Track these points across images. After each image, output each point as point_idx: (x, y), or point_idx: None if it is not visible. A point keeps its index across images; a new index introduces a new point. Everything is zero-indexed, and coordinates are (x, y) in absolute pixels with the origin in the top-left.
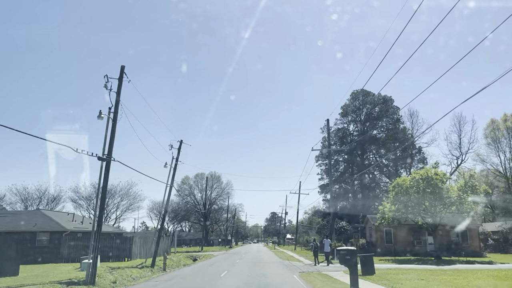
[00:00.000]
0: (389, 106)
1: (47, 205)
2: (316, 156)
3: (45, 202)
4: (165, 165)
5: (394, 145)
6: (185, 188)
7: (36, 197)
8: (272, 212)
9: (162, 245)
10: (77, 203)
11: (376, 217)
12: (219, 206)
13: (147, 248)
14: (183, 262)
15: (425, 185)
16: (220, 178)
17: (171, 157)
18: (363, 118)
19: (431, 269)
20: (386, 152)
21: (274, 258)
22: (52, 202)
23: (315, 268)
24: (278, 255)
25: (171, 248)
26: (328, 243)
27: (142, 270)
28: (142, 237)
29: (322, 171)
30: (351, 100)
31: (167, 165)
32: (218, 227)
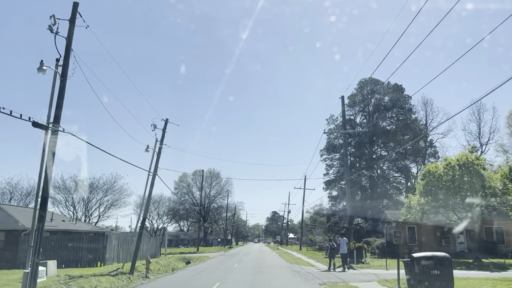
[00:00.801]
0: (399, 95)
1: (20, 201)
2: (320, 150)
3: (18, 197)
4: (147, 149)
5: (404, 138)
6: (183, 186)
7: (7, 191)
8: (273, 211)
9: (150, 246)
10: (54, 199)
11: (395, 212)
12: (218, 204)
13: (127, 250)
14: (174, 265)
15: (463, 172)
16: (219, 175)
17: (155, 140)
18: (372, 109)
19: (496, 277)
20: (395, 145)
21: (280, 261)
22: (27, 197)
23: (335, 275)
24: (284, 257)
25: (162, 249)
26: (345, 242)
27: (115, 279)
28: (121, 237)
29: (327, 166)
30: (358, 89)
31: (149, 149)
32: (218, 227)
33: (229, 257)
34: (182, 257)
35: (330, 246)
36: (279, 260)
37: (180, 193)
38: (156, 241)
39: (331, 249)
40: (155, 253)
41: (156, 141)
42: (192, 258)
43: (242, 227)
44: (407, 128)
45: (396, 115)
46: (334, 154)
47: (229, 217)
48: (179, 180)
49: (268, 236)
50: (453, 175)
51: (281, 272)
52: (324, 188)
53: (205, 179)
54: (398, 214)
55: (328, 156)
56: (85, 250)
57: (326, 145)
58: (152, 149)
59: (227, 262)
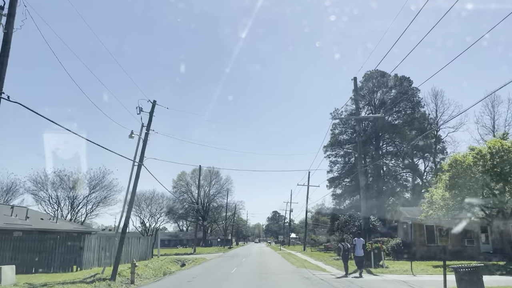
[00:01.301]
0: (407, 88)
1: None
2: (324, 146)
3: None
4: (131, 135)
5: (411, 133)
6: (182, 185)
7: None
8: (274, 211)
9: (140, 247)
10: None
11: (411, 210)
12: (218, 203)
13: (111, 252)
14: (166, 269)
15: (497, 162)
16: (218, 173)
17: (140, 125)
18: (378, 102)
19: None
20: (402, 141)
21: (284, 264)
22: (7, 194)
23: (356, 283)
24: (288, 258)
25: (154, 250)
26: (362, 243)
27: (91, 286)
28: (103, 237)
29: (331, 163)
30: (364, 82)
31: (134, 135)
32: (218, 226)
33: (227, 259)
34: (176, 259)
35: (343, 248)
36: (284, 263)
37: (178, 192)
38: (147, 242)
39: (345, 250)
40: (146, 255)
41: (143, 126)
42: (187, 260)
43: (243, 227)
44: (414, 123)
45: (403, 109)
46: (339, 150)
47: (229, 216)
48: (177, 178)
49: (269, 236)
50: (484, 165)
51: (289, 279)
52: (328, 186)
53: (204, 178)
54: (414, 211)
55: (332, 152)
56: (60, 253)
57: (330, 141)
58: (137, 135)
59: (224, 265)
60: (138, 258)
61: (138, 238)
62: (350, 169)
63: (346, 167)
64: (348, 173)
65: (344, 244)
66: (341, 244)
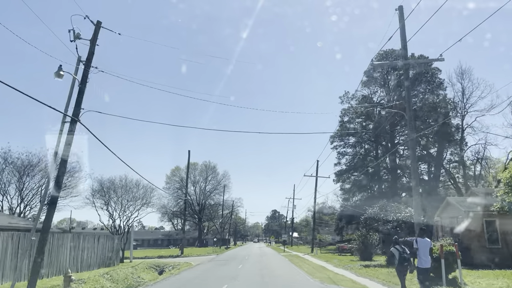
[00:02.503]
0: (427, 68)
1: None
2: (330, 136)
3: None
4: (59, 72)
5: (428, 121)
6: (175, 181)
7: None
8: (273, 210)
9: (101, 249)
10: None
11: (461, 200)
12: (215, 201)
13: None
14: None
15: None
16: (215, 168)
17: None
18: (393, 85)
19: None
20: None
21: (300, 275)
22: None
23: None
24: (300, 265)
25: (126, 252)
26: (429, 247)
27: None
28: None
29: (339, 154)
30: (377, 61)
31: (63, 73)
32: (214, 225)
33: (219, 265)
34: (155, 263)
35: (400, 254)
36: (297, 273)
37: (172, 189)
38: (112, 242)
39: (403, 259)
40: (111, 260)
41: (79, 61)
42: (168, 266)
43: (241, 226)
44: (435, 107)
45: (423, 91)
46: (348, 139)
47: (227, 214)
48: (171, 174)
49: (269, 235)
50: None
51: None
52: (335, 180)
53: (200, 173)
54: (468, 203)
55: (340, 142)
56: None
57: (339, 130)
58: (69, 73)
59: (211, 277)
60: (97, 264)
61: (95, 237)
62: (360, 160)
63: (356, 158)
64: (358, 165)
65: (402, 249)
66: (397, 248)
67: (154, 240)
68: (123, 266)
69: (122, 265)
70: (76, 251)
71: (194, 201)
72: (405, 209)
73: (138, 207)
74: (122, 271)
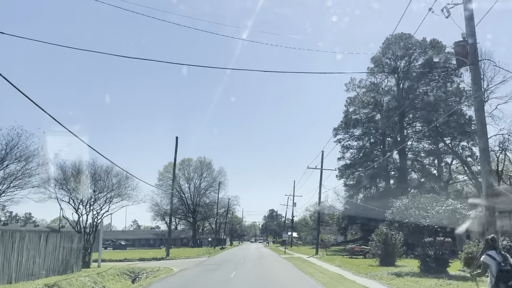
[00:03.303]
0: (440, 52)
1: None
2: (334, 128)
3: None
4: None
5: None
6: (169, 177)
7: None
8: (271, 209)
9: (49, 252)
10: None
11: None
12: (210, 199)
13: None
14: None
15: None
16: (211, 165)
17: None
18: (402, 73)
19: None
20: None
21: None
22: None
23: None
24: (311, 272)
25: (93, 254)
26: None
27: None
28: None
29: (343, 148)
30: (384, 48)
31: None
32: (210, 224)
33: (207, 271)
34: (131, 268)
35: (498, 264)
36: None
37: (165, 186)
38: (71, 243)
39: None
40: (70, 265)
41: None
42: (146, 271)
43: (238, 225)
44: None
45: (437, 79)
46: (353, 132)
47: (222, 213)
48: (164, 170)
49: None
50: None
51: None
52: (338, 176)
53: (195, 170)
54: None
55: (345, 135)
56: None
57: (343, 121)
58: None
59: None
60: (45, 271)
61: (42, 236)
62: (366, 154)
63: (362, 152)
64: (363, 160)
65: (501, 257)
66: (492, 256)
67: (146, 240)
68: (86, 272)
69: (85, 271)
70: (8, 254)
71: (189, 199)
72: (445, 201)
73: (110, 199)
74: (79, 280)
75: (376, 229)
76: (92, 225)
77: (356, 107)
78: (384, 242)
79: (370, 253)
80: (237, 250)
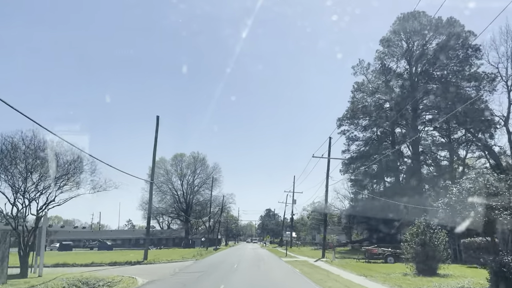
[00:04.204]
0: (459, 30)
1: None
2: (338, 119)
3: None
4: None
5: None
6: (160, 174)
7: None
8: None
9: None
10: None
11: None
12: (204, 197)
13: None
14: None
15: None
16: (205, 160)
17: None
18: (416, 53)
19: None
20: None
21: None
22: None
23: None
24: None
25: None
26: None
27: None
28: None
29: (348, 140)
30: (396, 27)
31: None
32: (203, 223)
33: (184, 283)
34: (85, 279)
35: None
36: None
37: (156, 182)
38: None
39: None
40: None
41: None
42: (103, 282)
43: (233, 225)
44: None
45: (454, 62)
46: (360, 121)
47: (217, 212)
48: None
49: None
50: None
51: None
52: (342, 171)
53: (188, 166)
54: None
55: (350, 125)
56: None
57: (349, 109)
58: None
59: None
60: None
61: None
62: (374, 146)
63: (369, 144)
64: (370, 153)
65: None
66: None
67: (136, 240)
68: (11, 285)
69: (13, 282)
70: None
71: (181, 196)
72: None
73: (56, 185)
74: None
75: (411, 227)
76: (37, 220)
77: (364, 93)
78: (423, 244)
79: (403, 257)
80: (231, 252)
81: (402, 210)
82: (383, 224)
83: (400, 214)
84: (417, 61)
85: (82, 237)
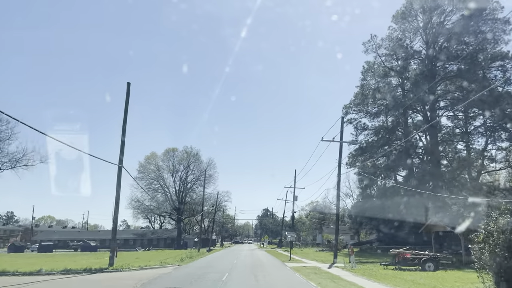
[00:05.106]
0: (483, 5)
1: None
2: (344, 106)
3: None
4: None
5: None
6: (151, 170)
7: None
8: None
9: None
10: None
11: None
12: (198, 194)
13: None
14: None
15: None
16: (198, 156)
17: None
18: (433, 32)
19: None
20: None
21: None
22: None
23: None
24: None
25: None
26: None
27: None
28: None
29: (355, 128)
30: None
31: None
32: (197, 223)
33: None
34: None
35: None
36: None
37: (146, 179)
38: None
39: None
40: None
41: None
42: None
43: (229, 224)
44: (495, 59)
45: (479, 38)
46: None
47: (211, 210)
48: (145, 161)
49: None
50: None
51: None
52: (348, 164)
53: (180, 161)
54: None
55: (359, 113)
56: None
57: (358, 94)
58: None
59: None
60: None
61: None
62: (385, 137)
63: (380, 134)
64: (381, 143)
65: None
66: None
67: (125, 240)
68: None
69: None
70: None
71: (173, 194)
72: None
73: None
74: None
75: (483, 223)
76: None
77: (375, 74)
78: (508, 248)
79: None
80: (225, 254)
81: (419, 207)
82: (397, 223)
83: (417, 212)
84: (435, 38)
85: (67, 238)
